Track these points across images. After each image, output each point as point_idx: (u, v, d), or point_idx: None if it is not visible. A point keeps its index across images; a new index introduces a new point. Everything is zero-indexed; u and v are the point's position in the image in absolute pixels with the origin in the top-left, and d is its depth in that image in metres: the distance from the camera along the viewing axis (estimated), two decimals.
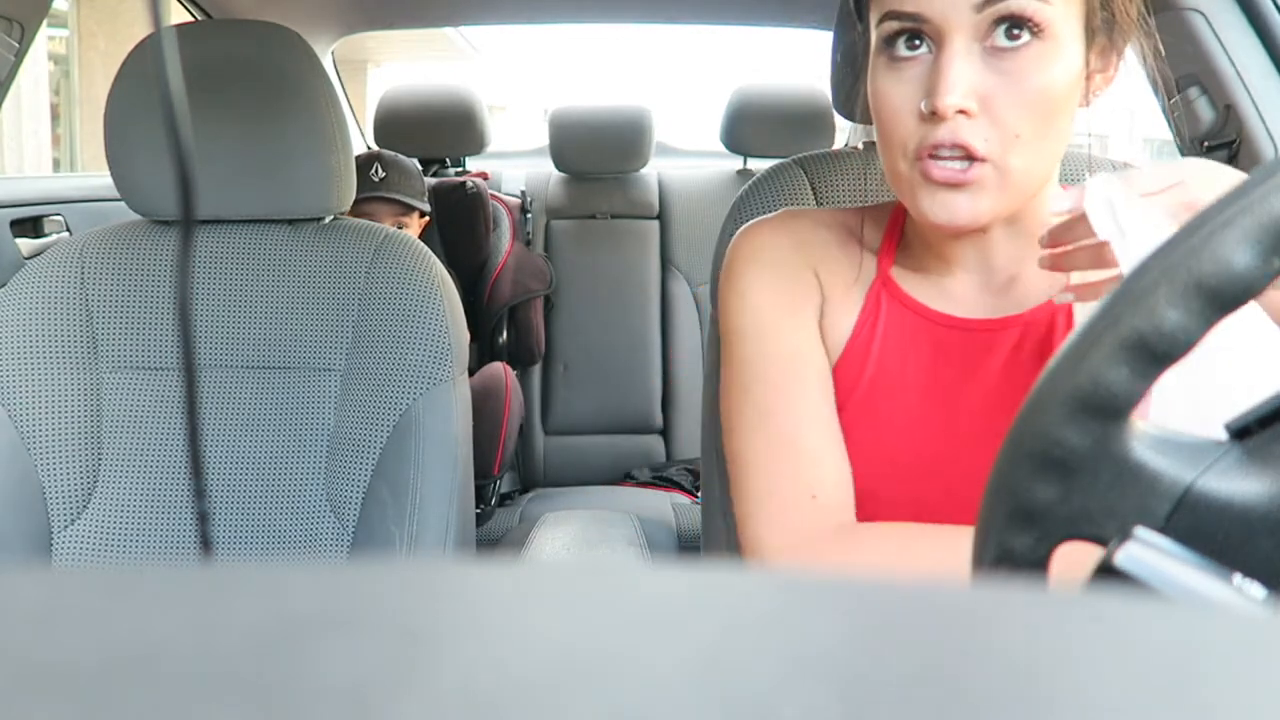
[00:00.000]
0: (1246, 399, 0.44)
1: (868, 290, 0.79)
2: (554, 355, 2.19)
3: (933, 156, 0.66)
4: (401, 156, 2.00)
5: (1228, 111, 1.13)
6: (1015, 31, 0.64)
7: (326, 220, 1.16)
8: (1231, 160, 1.16)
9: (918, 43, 0.67)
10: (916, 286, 0.78)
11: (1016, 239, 0.74)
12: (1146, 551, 0.35)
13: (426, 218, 1.99)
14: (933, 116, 0.65)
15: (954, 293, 0.77)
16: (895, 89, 0.67)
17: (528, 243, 2.17)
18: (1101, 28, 0.68)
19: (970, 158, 0.66)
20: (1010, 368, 0.74)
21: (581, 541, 1.52)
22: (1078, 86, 0.68)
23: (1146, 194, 0.62)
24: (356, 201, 1.82)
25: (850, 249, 0.80)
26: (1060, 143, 0.69)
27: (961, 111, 0.65)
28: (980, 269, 0.76)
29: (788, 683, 0.14)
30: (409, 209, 1.92)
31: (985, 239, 0.74)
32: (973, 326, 0.75)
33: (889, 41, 0.68)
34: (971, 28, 0.65)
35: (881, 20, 0.68)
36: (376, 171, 1.88)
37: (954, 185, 0.66)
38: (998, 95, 0.65)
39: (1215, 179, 0.62)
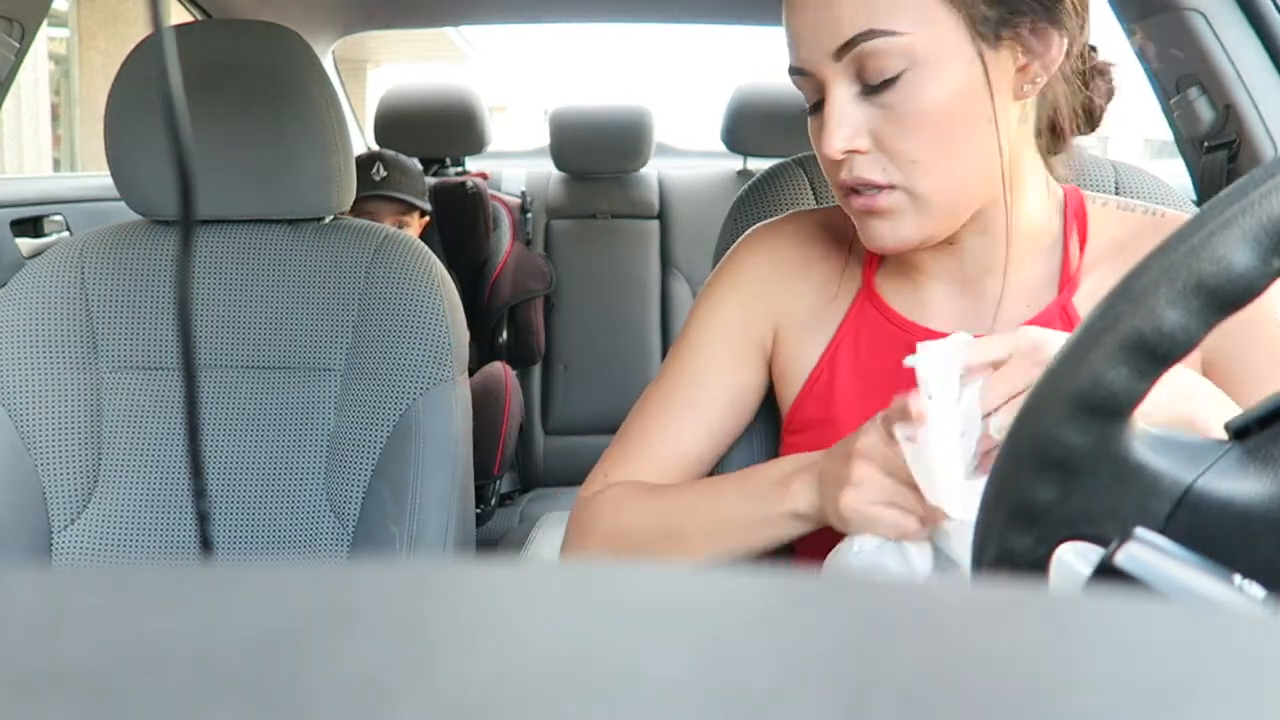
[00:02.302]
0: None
1: (852, 300, 0.79)
2: (554, 355, 2.19)
3: (852, 190, 0.69)
4: (402, 156, 2.00)
5: (1228, 111, 1.13)
6: (878, 71, 0.65)
7: (326, 220, 1.16)
8: (1231, 160, 1.16)
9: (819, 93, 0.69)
10: (896, 294, 0.78)
11: (991, 249, 0.73)
12: (1146, 551, 0.35)
13: (427, 217, 2.00)
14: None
15: (929, 303, 0.76)
16: (814, 136, 0.71)
17: (528, 243, 2.17)
18: (997, 22, 0.64)
19: (879, 186, 0.68)
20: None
21: None
22: (975, 95, 0.65)
23: (976, 363, 0.58)
24: (357, 200, 1.82)
25: (839, 254, 0.81)
26: (976, 151, 0.67)
27: (854, 151, 0.67)
28: (953, 279, 0.76)
29: (788, 683, 0.14)
30: (410, 208, 1.92)
31: (956, 250, 0.74)
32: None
33: (804, 92, 0.71)
34: (842, 73, 0.66)
35: (790, 74, 0.71)
36: (378, 171, 1.88)
37: (873, 213, 0.69)
38: (884, 129, 0.66)
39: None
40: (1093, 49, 0.73)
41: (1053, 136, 0.74)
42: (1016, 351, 0.57)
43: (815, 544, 0.80)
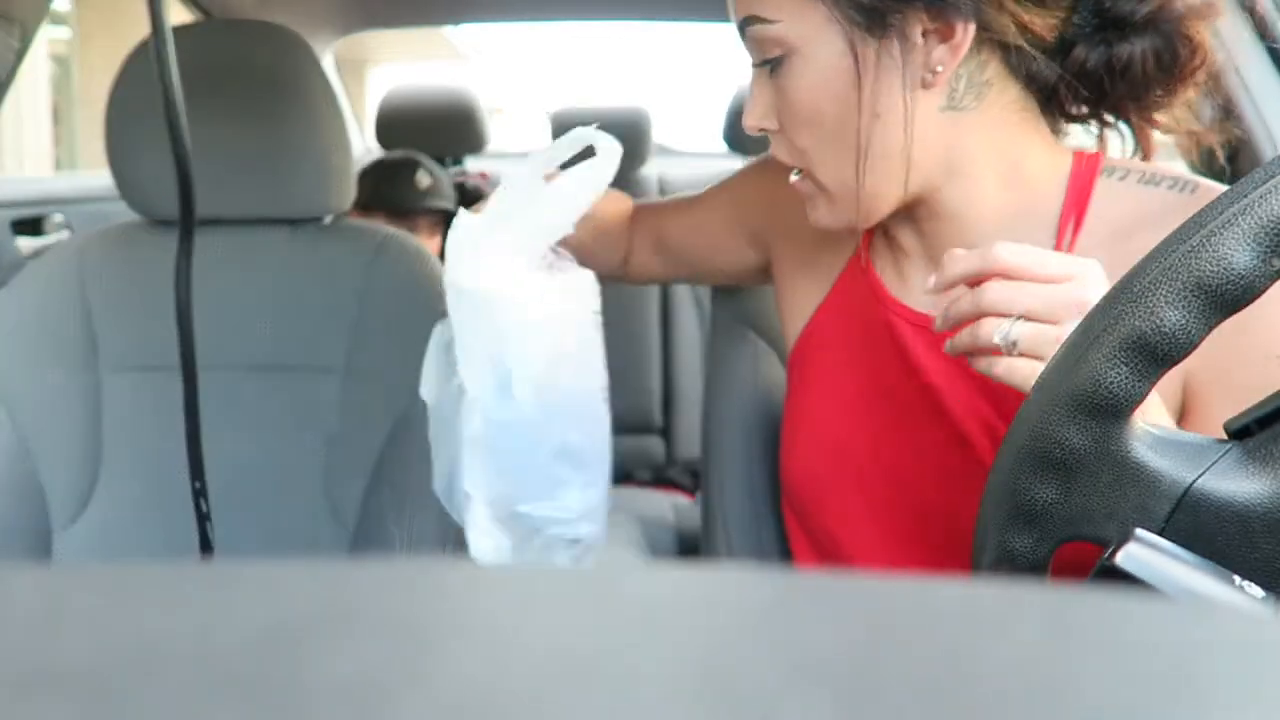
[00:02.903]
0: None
1: (847, 261, 0.79)
2: None
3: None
4: (427, 159, 1.99)
5: (1227, 111, 1.13)
6: (765, 52, 0.65)
7: (326, 220, 1.16)
8: (1231, 160, 1.16)
9: None
10: (883, 265, 0.76)
11: (954, 232, 0.69)
12: (1146, 551, 0.35)
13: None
14: None
15: (909, 279, 0.74)
16: None
17: None
18: (873, 12, 0.61)
19: (798, 170, 0.69)
20: (950, 371, 0.69)
21: None
22: (850, 87, 0.63)
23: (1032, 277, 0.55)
24: (403, 213, 1.81)
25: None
26: (869, 143, 0.64)
27: (765, 129, 0.68)
28: (926, 259, 0.72)
29: (787, 683, 0.14)
30: (449, 218, 1.91)
31: (921, 230, 0.71)
32: (919, 321, 0.72)
33: None
34: (750, 50, 0.67)
35: None
36: (423, 178, 1.86)
37: (800, 194, 0.70)
38: (781, 113, 0.67)
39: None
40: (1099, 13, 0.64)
41: (1060, 111, 0.69)
42: (1077, 274, 0.54)
43: (817, 544, 0.80)
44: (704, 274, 0.98)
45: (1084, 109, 0.69)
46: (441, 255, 2.20)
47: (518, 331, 0.63)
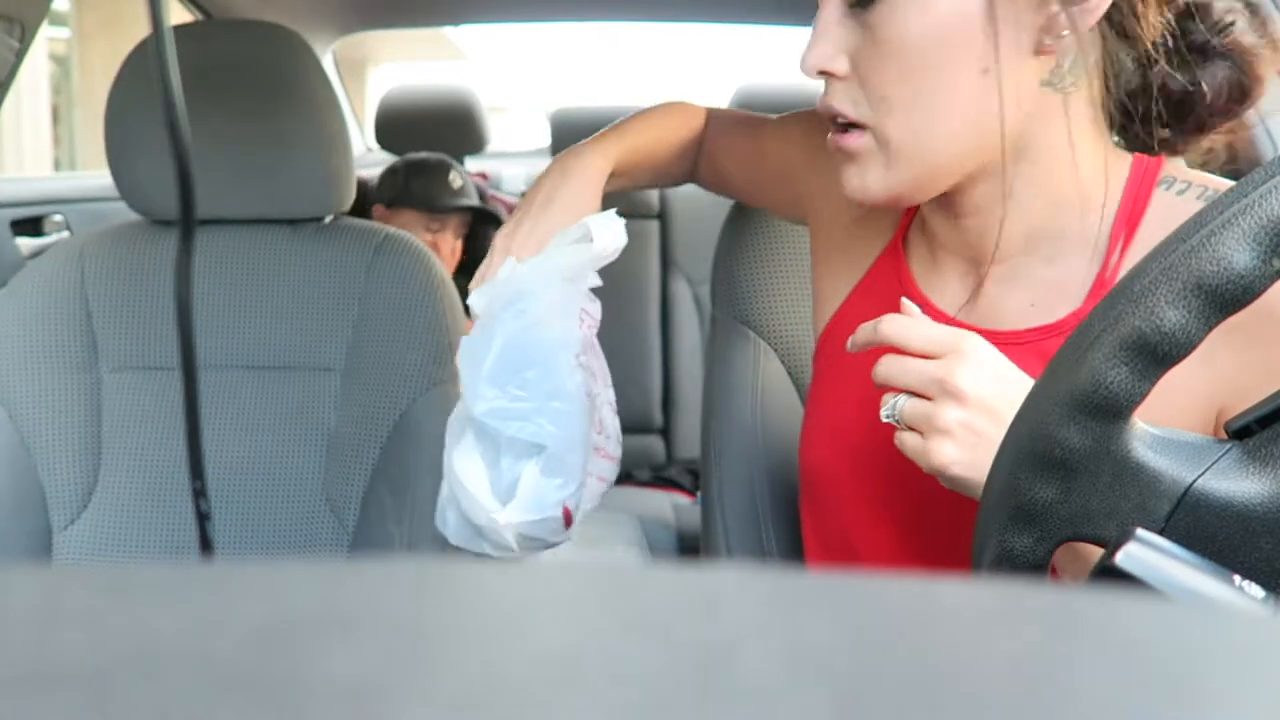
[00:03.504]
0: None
1: (884, 247, 0.75)
2: None
3: (832, 125, 0.64)
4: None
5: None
6: None
7: (326, 220, 1.16)
8: (1231, 160, 1.15)
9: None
10: (917, 258, 0.73)
11: (994, 231, 0.65)
12: (1146, 551, 0.35)
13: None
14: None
15: (940, 276, 0.71)
16: None
17: None
18: None
19: (850, 125, 0.62)
20: None
21: (582, 541, 1.52)
22: (966, 34, 0.57)
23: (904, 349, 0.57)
24: (436, 212, 1.81)
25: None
26: (959, 101, 0.59)
27: (828, 74, 0.62)
28: (961, 257, 0.69)
29: (787, 683, 0.14)
30: (485, 218, 1.92)
31: (958, 224, 0.67)
32: (941, 319, 0.69)
33: None
34: None
35: None
36: (455, 179, 1.87)
37: (843, 153, 0.64)
38: (863, 54, 0.60)
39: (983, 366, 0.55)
40: (1197, 17, 0.61)
41: (1127, 120, 0.64)
42: (947, 351, 0.55)
43: (828, 539, 0.79)
44: (757, 203, 0.97)
45: (1140, 124, 0.65)
46: (464, 257, 2.17)
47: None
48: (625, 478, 2.13)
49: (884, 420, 0.58)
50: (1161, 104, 0.62)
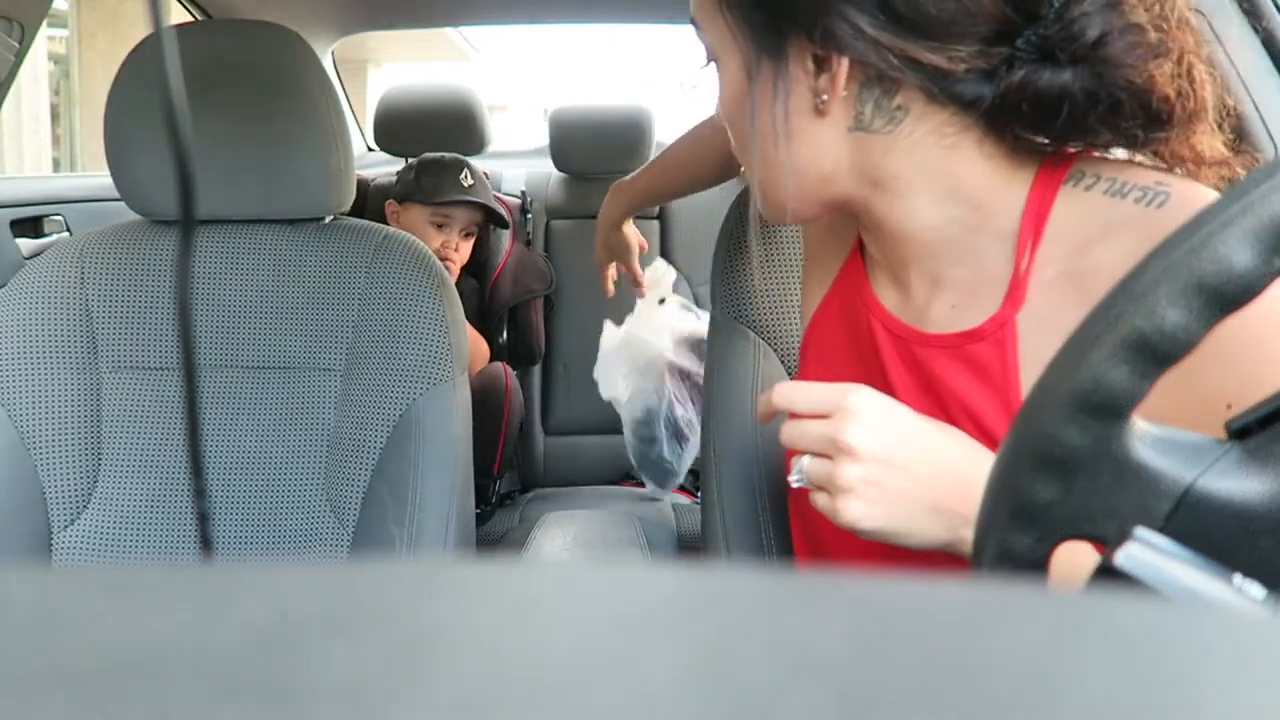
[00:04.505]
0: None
1: (846, 258, 0.78)
2: (554, 355, 2.18)
3: None
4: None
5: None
6: (706, 56, 0.69)
7: (326, 220, 1.16)
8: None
9: None
10: (869, 263, 0.75)
11: (894, 244, 0.68)
12: (1146, 551, 0.35)
13: (473, 237, 1.98)
14: None
15: (879, 283, 0.73)
16: None
17: (528, 243, 2.17)
18: (768, 32, 0.62)
19: None
20: (921, 386, 0.68)
21: (581, 541, 1.52)
22: (747, 110, 0.65)
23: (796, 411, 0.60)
24: (444, 203, 1.82)
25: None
26: (777, 160, 0.65)
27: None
28: (884, 267, 0.72)
29: (787, 683, 0.14)
30: (488, 218, 1.93)
31: (874, 237, 0.71)
32: (888, 324, 0.71)
33: None
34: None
35: None
36: (466, 177, 1.88)
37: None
38: None
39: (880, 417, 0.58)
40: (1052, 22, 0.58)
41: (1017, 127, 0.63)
42: (833, 410, 0.58)
43: (815, 543, 0.80)
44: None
45: (1037, 136, 0.63)
46: (472, 259, 2.20)
47: None
48: (625, 478, 2.14)
49: (793, 485, 0.61)
50: (1035, 110, 0.59)
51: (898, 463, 0.56)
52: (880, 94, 0.62)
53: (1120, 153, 0.66)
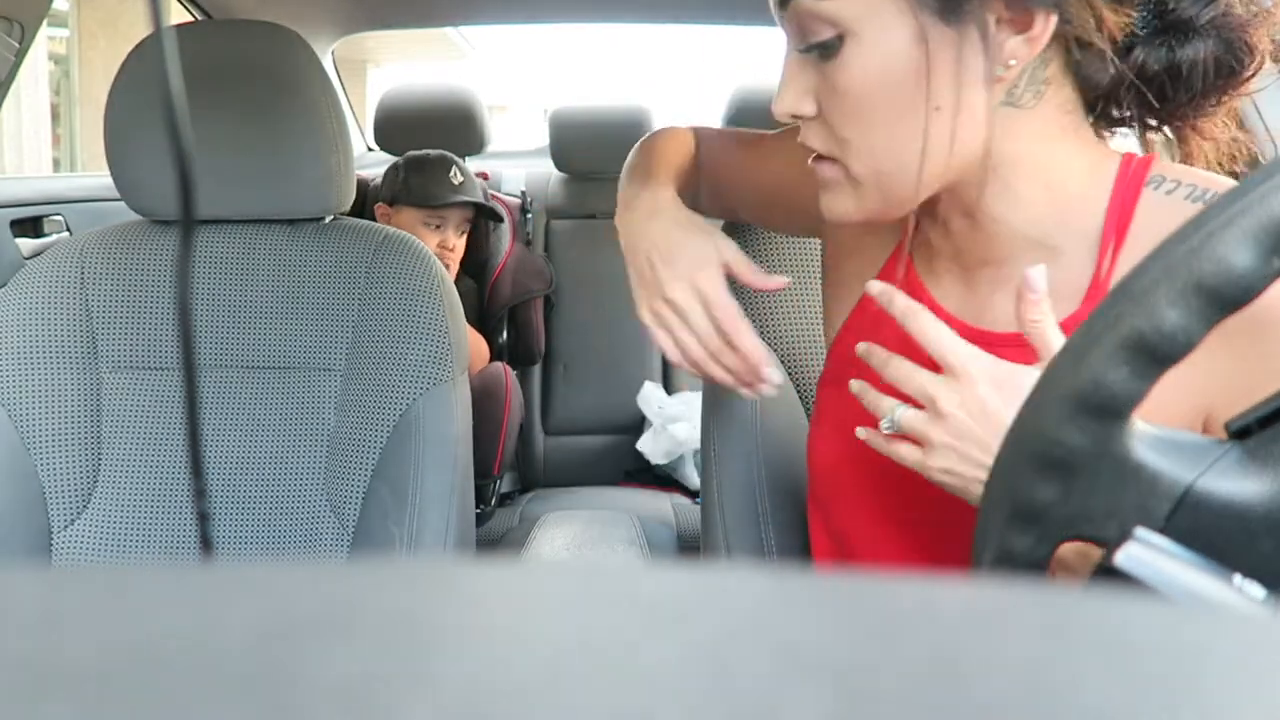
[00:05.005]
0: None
1: (891, 254, 0.76)
2: (554, 355, 2.18)
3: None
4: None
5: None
6: (814, 34, 0.60)
7: (326, 220, 1.16)
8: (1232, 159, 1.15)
9: None
10: (921, 260, 0.74)
11: (982, 237, 0.66)
12: (1146, 552, 0.35)
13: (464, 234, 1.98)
14: None
15: (940, 279, 0.72)
16: None
17: (528, 243, 2.17)
18: None
19: (823, 156, 0.65)
20: None
21: (581, 541, 1.52)
22: (915, 78, 0.58)
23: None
24: (435, 208, 1.82)
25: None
26: (917, 136, 0.60)
27: (800, 115, 0.64)
28: (954, 261, 0.70)
29: (787, 682, 0.14)
30: (479, 215, 1.92)
31: (948, 230, 0.68)
32: (962, 332, 0.67)
33: None
34: (791, 31, 0.63)
35: None
36: (456, 175, 1.88)
37: (820, 181, 0.66)
38: (824, 99, 0.62)
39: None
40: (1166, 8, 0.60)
41: (1111, 110, 0.65)
42: (952, 368, 0.57)
43: (834, 539, 0.79)
44: (763, 222, 0.96)
45: (1129, 113, 0.65)
46: (468, 254, 2.21)
47: None
48: (625, 477, 2.14)
49: (884, 430, 0.60)
50: (1141, 88, 0.61)
51: (976, 446, 0.56)
52: (1038, 64, 0.59)
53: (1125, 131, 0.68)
